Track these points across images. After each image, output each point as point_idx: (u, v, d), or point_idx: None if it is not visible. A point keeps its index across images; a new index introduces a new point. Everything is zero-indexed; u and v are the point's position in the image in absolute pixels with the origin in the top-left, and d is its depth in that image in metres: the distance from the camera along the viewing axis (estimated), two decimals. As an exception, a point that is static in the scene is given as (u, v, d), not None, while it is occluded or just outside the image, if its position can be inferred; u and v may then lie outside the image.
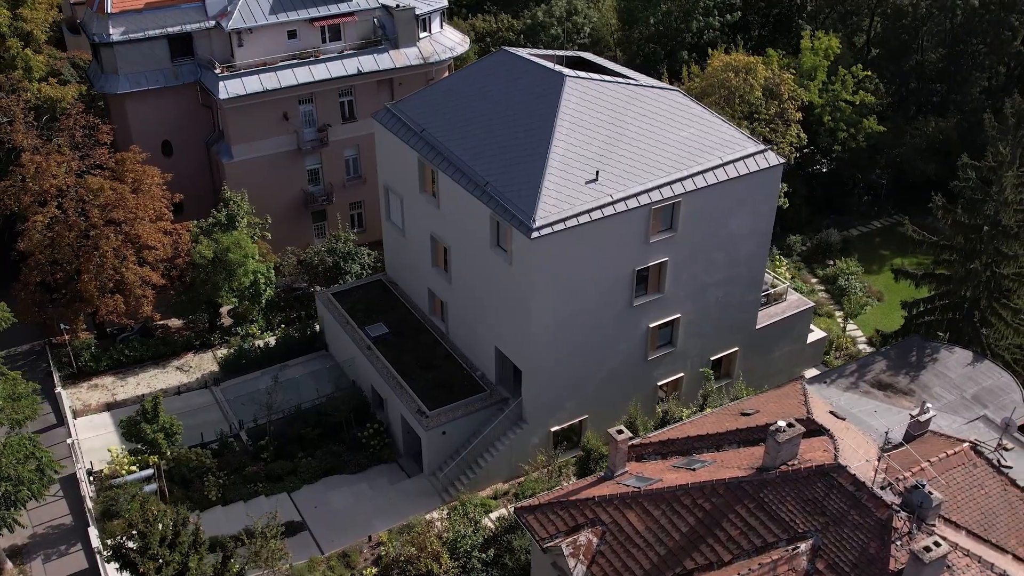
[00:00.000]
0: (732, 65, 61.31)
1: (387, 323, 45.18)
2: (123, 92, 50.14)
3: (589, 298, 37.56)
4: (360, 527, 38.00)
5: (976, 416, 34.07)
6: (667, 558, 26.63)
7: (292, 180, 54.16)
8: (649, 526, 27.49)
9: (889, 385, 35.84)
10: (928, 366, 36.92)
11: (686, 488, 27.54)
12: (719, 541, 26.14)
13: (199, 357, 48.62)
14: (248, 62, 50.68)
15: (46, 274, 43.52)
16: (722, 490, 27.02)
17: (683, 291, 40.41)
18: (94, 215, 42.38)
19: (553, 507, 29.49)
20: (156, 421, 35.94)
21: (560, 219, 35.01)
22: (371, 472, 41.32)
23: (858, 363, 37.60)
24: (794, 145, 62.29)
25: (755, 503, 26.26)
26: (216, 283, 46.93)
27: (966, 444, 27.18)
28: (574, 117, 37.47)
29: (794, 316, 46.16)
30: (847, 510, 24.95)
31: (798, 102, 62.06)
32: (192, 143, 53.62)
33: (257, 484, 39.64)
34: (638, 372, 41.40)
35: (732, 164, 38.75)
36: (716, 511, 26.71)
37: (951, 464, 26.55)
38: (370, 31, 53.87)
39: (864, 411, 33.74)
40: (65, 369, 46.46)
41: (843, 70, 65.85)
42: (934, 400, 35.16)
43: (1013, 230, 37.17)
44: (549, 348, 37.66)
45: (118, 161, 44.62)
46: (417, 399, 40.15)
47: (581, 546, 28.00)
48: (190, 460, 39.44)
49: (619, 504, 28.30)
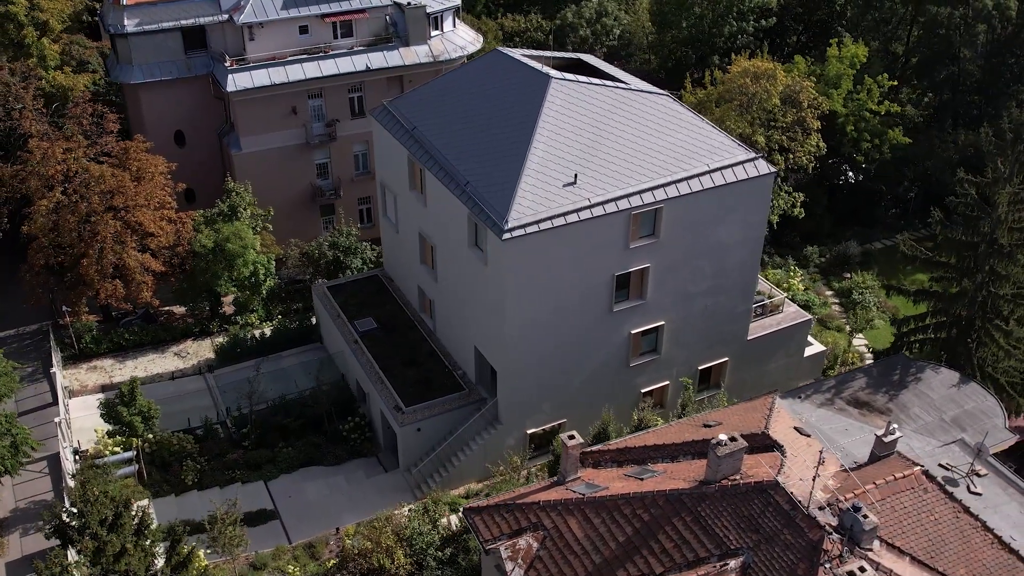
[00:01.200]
0: (750, 71, 60.32)
1: (377, 318, 45.51)
2: (137, 82, 51.35)
3: (566, 301, 37.32)
4: (331, 519, 38.36)
5: (953, 439, 33.01)
6: (602, 567, 26.38)
7: (300, 173, 54.87)
8: (588, 533, 27.26)
9: (866, 403, 34.93)
10: (910, 385, 35.89)
11: (627, 497, 27.25)
12: (653, 553, 25.82)
13: (197, 344, 49.56)
14: (259, 56, 51.52)
15: (49, 257, 44.79)
16: (661, 501, 26.67)
17: (667, 298, 39.90)
18: (94, 201, 43.50)
19: (500, 509, 29.41)
20: (133, 404, 36.74)
21: (534, 221, 34.85)
22: (349, 465, 41.67)
23: (836, 379, 36.74)
24: (813, 154, 61.05)
25: (692, 516, 25.87)
26: (216, 272, 47.80)
27: (917, 468, 26.36)
28: (557, 119, 37.28)
29: (790, 328, 45.26)
30: (780, 529, 24.43)
31: (818, 110, 60.78)
32: (205, 134, 54.67)
33: (235, 471, 40.26)
34: (620, 378, 41.01)
35: (720, 171, 38.14)
36: (654, 522, 26.37)
37: (899, 488, 25.78)
38: (382, 28, 54.30)
39: (835, 428, 32.95)
40: (67, 350, 47.77)
41: (869, 80, 64.30)
42: (911, 421, 34.20)
43: (1007, 249, 35.90)
44: (524, 349, 37.53)
45: (122, 149, 45.68)
46: (395, 394, 40.37)
47: (520, 550, 27.88)
48: (171, 444, 40.19)
49: (562, 510, 28.11)
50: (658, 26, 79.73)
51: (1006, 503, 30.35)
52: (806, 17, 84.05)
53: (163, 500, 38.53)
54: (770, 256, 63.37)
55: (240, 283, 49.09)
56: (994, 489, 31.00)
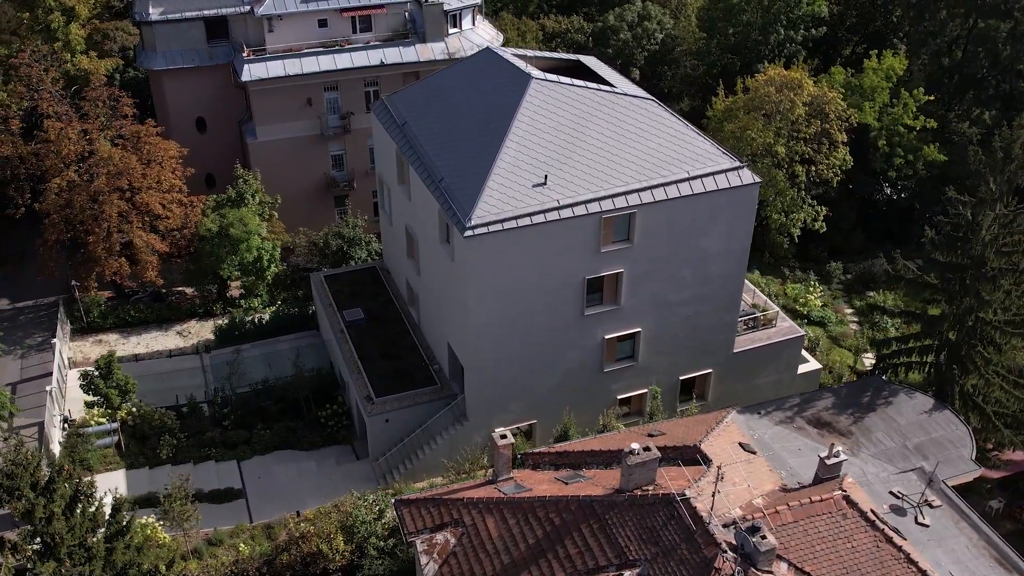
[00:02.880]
0: (775, 80, 58.99)
1: (366, 310, 46.13)
2: (160, 68, 53.17)
3: (534, 302, 37.21)
4: (295, 502, 39.03)
5: (912, 467, 31.77)
6: (509, 568, 26.34)
7: (315, 164, 55.96)
8: (502, 534, 27.24)
9: (828, 424, 33.88)
10: (878, 409, 34.65)
11: (543, 501, 27.15)
12: (557, 558, 25.68)
13: (200, 324, 51.06)
14: (277, 47, 52.74)
15: (61, 233, 46.78)
16: (574, 507, 26.49)
17: (644, 305, 39.41)
18: (101, 182, 45.24)
19: (428, 503, 29.60)
20: (110, 378, 38.10)
21: (498, 220, 34.87)
22: (323, 451, 42.40)
23: (802, 397, 35.70)
24: (838, 168, 59.33)
25: (599, 524, 25.64)
26: (219, 256, 49.18)
27: (837, 493, 25.50)
28: (533, 119, 37.21)
29: (780, 344, 44.17)
30: (679, 543, 24.03)
31: (846, 123, 59.04)
32: (225, 121, 56.24)
33: (211, 449, 41.37)
34: (595, 383, 40.69)
35: (700, 179, 37.50)
36: (563, 527, 26.22)
37: (814, 511, 25.00)
38: (400, 24, 54.97)
39: (787, 448, 32.07)
40: (77, 323, 49.80)
41: (905, 94, 62.16)
42: (872, 445, 33.06)
43: (990, 273, 34.33)
44: (489, 347, 37.58)
45: (133, 133, 47.36)
46: (368, 385, 40.92)
47: (436, 545, 28.02)
48: (153, 418, 41.52)
49: (482, 508, 28.15)
50: (706, 32, 78.53)
51: (954, 537, 29.12)
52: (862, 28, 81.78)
53: (137, 472, 39.87)
54: (791, 270, 61.95)
55: (244, 268, 50.36)
56: (945, 522, 29.75)
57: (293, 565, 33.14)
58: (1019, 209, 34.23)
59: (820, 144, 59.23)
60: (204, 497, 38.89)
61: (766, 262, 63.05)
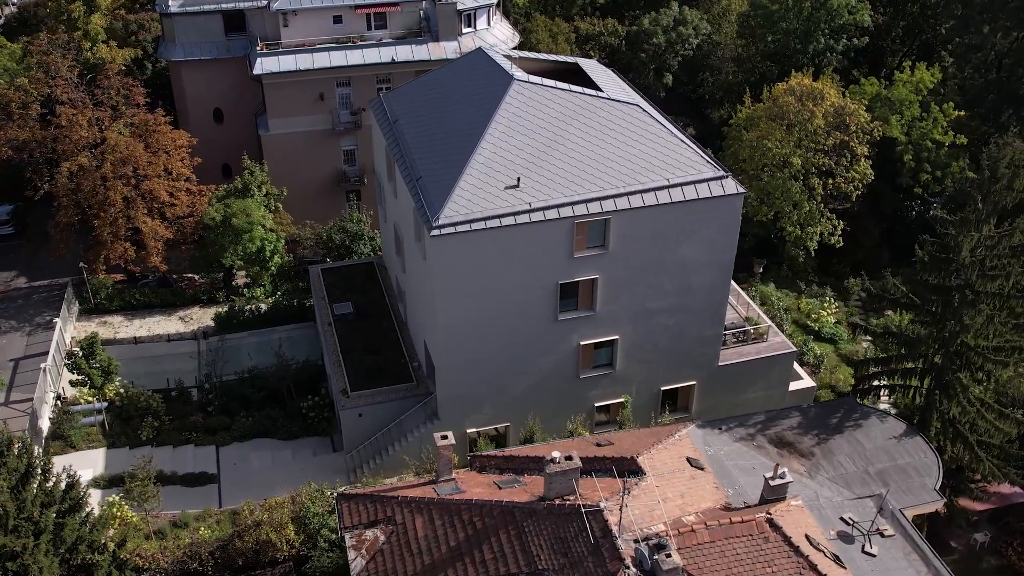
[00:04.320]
0: (795, 89, 57.61)
1: (357, 304, 46.52)
2: (178, 60, 54.50)
3: (505, 305, 37.03)
4: (265, 490, 39.39)
5: (870, 494, 30.68)
6: (429, 568, 26.31)
7: (326, 158, 56.70)
8: (428, 534, 27.22)
9: (790, 444, 32.93)
10: (846, 431, 33.54)
11: (469, 504, 27.04)
12: (474, 562, 25.55)
13: (203, 311, 52.15)
14: (291, 42, 53.60)
15: (71, 216, 48.32)
16: (496, 512, 26.32)
17: (621, 313, 38.89)
18: (106, 168, 46.57)
19: (368, 499, 29.71)
20: (93, 358, 39.18)
21: (466, 220, 34.80)
22: (302, 441, 42.92)
23: (768, 415, 34.76)
24: (858, 182, 57.66)
25: (516, 531, 25.44)
26: (222, 245, 50.18)
27: (760, 516, 24.79)
28: (512, 121, 37.03)
29: (770, 359, 43.08)
30: (586, 555, 23.68)
31: (868, 136, 57.33)
32: (241, 113, 57.38)
33: (192, 433, 42.21)
34: (570, 389, 40.31)
35: (680, 187, 36.83)
36: (484, 531, 26.08)
37: (733, 533, 24.35)
38: (415, 22, 55.32)
39: (742, 465, 31.29)
40: (85, 304, 51.36)
41: (935, 108, 60.10)
42: (832, 468, 32.04)
43: (969, 297, 32.95)
44: (459, 348, 37.53)
45: (141, 122, 48.63)
46: (345, 378, 41.27)
47: (366, 541, 28.11)
48: (139, 400, 42.56)
49: (413, 507, 28.17)
50: (745, 39, 77.23)
51: (901, 569, 28.05)
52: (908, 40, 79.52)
53: (117, 451, 40.91)
54: (808, 284, 60.46)
55: (247, 257, 51.27)
56: (895, 552, 28.68)
57: (245, 552, 33.60)
58: (1004, 231, 32.80)
59: (840, 157, 57.67)
60: (178, 480, 39.75)
61: (783, 275, 61.70)
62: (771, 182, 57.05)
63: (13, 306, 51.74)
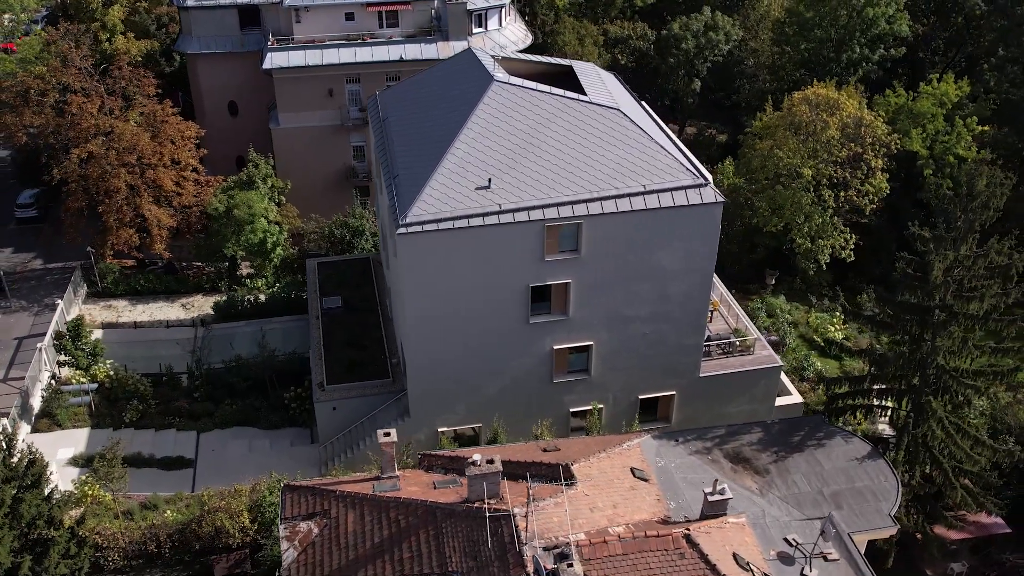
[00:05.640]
0: (810, 99, 56.33)
1: (347, 298, 46.98)
2: (195, 52, 55.70)
3: (476, 305, 37.00)
4: (239, 477, 40.00)
5: (821, 515, 29.83)
6: (352, 563, 26.49)
7: (336, 153, 57.36)
8: (357, 529, 27.40)
9: (746, 460, 32.21)
10: (807, 450, 32.67)
11: (397, 502, 27.13)
12: (392, 560, 25.69)
13: (205, 299, 53.24)
14: (303, 38, 54.37)
15: (80, 202, 49.79)
16: (420, 512, 26.40)
17: (596, 318, 38.56)
18: (111, 156, 47.85)
19: (310, 491, 30.00)
20: (79, 340, 40.28)
21: (434, 219, 34.89)
22: (281, 431, 43.54)
23: (729, 429, 34.02)
24: (873, 195, 56.12)
25: (435, 532, 25.45)
26: (224, 235, 51.15)
27: (678, 531, 24.36)
28: (488, 122, 36.98)
29: (755, 372, 42.21)
30: (493, 560, 23.59)
31: (884, 148, 55.76)
32: (256, 106, 58.39)
33: (176, 418, 43.13)
34: (545, 393, 40.11)
35: (656, 194, 36.36)
36: (406, 530, 26.18)
37: (647, 547, 23.98)
38: (427, 21, 55.61)
39: (691, 479, 30.71)
40: (93, 288, 52.86)
41: (959, 122, 58.17)
42: (786, 487, 31.25)
43: (939, 318, 31.83)
44: (426, 346, 37.63)
45: (150, 112, 49.83)
46: (323, 371, 41.72)
47: (299, 532, 28.39)
48: (127, 383, 43.63)
49: (348, 502, 28.37)
50: (779, 46, 75.89)
51: (840, 594, 27.28)
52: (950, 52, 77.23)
53: (100, 431, 41.99)
54: (820, 298, 59.11)
55: (249, 249, 52.15)
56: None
57: (202, 537, 34.21)
58: (978, 253, 31.61)
59: (855, 169, 56.23)
60: (155, 463, 40.69)
61: (797, 288, 60.44)
62: (782, 192, 55.91)
63: (26, 286, 53.52)
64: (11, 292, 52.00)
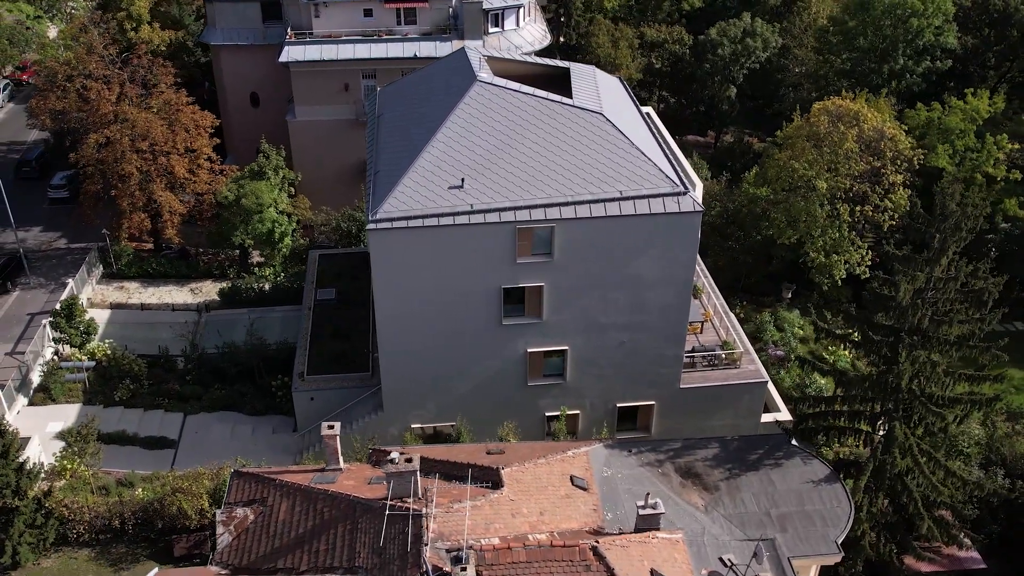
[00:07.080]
0: (830, 110, 54.80)
1: (341, 290, 47.58)
2: (218, 44, 57.02)
3: (447, 304, 37.07)
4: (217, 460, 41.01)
5: (764, 537, 29.11)
6: (275, 551, 26.89)
7: (351, 147, 57.99)
8: (286, 519, 27.79)
9: (697, 475, 31.56)
10: (762, 469, 31.85)
11: (324, 494, 27.41)
12: (310, 551, 25.99)
13: (214, 285, 54.48)
14: (322, 32, 55.18)
15: (96, 186, 51.48)
16: (342, 505, 26.61)
17: (570, 323, 38.26)
18: (124, 142, 49.34)
19: (255, 479, 30.49)
20: (72, 319, 41.66)
21: (403, 217, 35.07)
22: (266, 418, 44.31)
23: (684, 443, 33.40)
24: (893, 212, 54.29)
25: (352, 526, 25.64)
26: (234, 223, 52.28)
27: (586, 543, 24.04)
28: (467, 121, 37.00)
29: (738, 387, 41.36)
30: (396, 558, 23.65)
31: (905, 164, 53.92)
32: (276, 98, 59.49)
33: (165, 399, 44.24)
34: (519, 396, 39.97)
35: (632, 200, 35.91)
36: (328, 522, 26.48)
37: (552, 556, 23.72)
38: (444, 19, 55.88)
39: (636, 491, 30.22)
40: (108, 269, 54.60)
41: (990, 139, 55.93)
42: (733, 506, 30.54)
43: (907, 341, 30.68)
44: (397, 341, 37.86)
45: (165, 101, 51.19)
46: (304, 362, 42.34)
47: (235, 518, 28.87)
48: (122, 362, 44.95)
49: (284, 492, 28.76)
50: (821, 55, 74.17)
51: (768, 619, 26.58)
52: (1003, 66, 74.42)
53: (91, 408, 43.34)
54: (835, 315, 57.47)
55: (257, 238, 53.19)
56: (770, 601, 27.21)
57: (164, 516, 35.05)
58: (950, 275, 30.37)
59: (876, 184, 54.54)
60: (138, 441, 41.82)
61: (814, 302, 58.94)
62: (797, 204, 54.57)
63: (47, 264, 55.53)
64: (32, 270, 53.98)
